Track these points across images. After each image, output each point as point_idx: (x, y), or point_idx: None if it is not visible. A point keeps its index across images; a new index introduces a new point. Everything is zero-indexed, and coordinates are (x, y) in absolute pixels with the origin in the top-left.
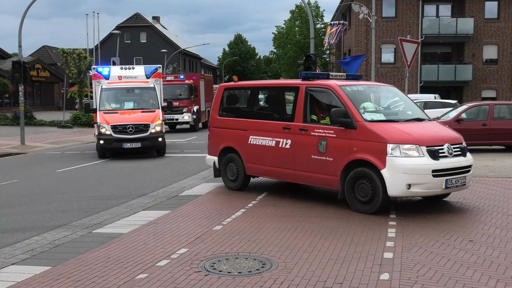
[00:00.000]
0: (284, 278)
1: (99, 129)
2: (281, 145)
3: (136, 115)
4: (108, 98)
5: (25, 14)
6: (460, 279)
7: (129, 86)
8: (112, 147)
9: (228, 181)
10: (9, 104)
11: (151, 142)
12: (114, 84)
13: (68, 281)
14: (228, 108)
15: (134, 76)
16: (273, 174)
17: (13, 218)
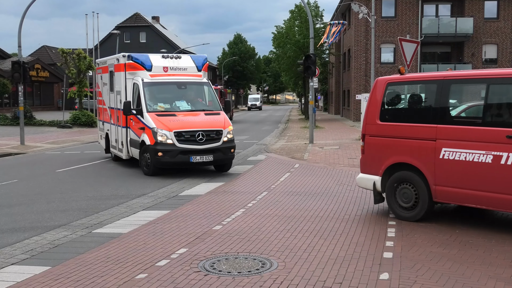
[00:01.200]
0: (284, 278)
1: (155, 137)
2: (504, 162)
3: (203, 119)
4: (155, 96)
5: (25, 14)
6: (460, 279)
7: (181, 81)
8: (176, 162)
9: (399, 209)
10: (8, 104)
11: (224, 154)
12: (159, 77)
13: (67, 281)
14: (395, 110)
15: (183, 68)
16: (487, 202)
17: (13, 218)
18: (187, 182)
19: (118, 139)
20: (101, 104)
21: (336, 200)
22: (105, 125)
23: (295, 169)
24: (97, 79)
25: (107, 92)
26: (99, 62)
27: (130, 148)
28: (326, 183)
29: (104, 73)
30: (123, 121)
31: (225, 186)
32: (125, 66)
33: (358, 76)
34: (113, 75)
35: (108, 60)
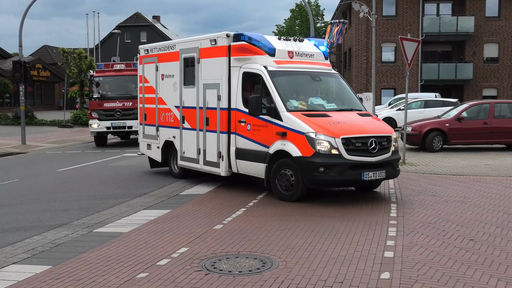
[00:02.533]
0: (285, 277)
1: (312, 146)
2: None
3: (368, 121)
4: (288, 90)
5: (26, 14)
6: (461, 278)
7: (315, 71)
8: (344, 180)
9: None
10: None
11: (393, 169)
12: (287, 65)
13: (68, 280)
14: None
15: (309, 54)
16: None
17: (14, 218)
18: (188, 181)
19: (203, 149)
20: (151, 103)
21: (337, 199)
22: (164, 131)
23: None
24: (144, 71)
25: (174, 86)
26: (149, 48)
27: (236, 162)
28: None
29: (165, 61)
30: (223, 124)
31: (225, 186)
32: (230, 49)
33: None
34: (194, 63)
35: (181, 44)
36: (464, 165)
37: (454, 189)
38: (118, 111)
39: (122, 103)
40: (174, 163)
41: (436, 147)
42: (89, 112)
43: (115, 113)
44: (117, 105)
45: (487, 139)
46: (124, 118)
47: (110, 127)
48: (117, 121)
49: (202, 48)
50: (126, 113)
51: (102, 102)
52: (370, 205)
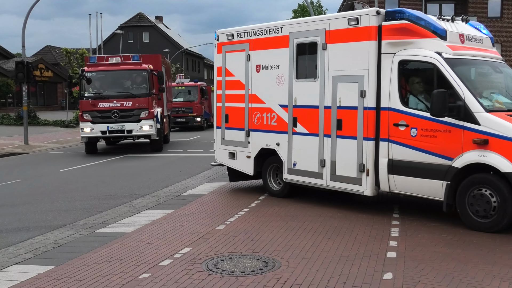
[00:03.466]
0: (287, 278)
1: None
2: None
3: None
4: (474, 84)
5: (29, 14)
6: (464, 279)
7: (492, 60)
8: None
9: None
10: (12, 104)
11: None
12: (464, 51)
13: (71, 281)
14: None
15: (478, 39)
16: None
17: (17, 218)
18: (190, 182)
19: (330, 160)
20: (236, 102)
21: (340, 199)
22: (260, 136)
23: None
24: (225, 62)
25: (278, 80)
26: (235, 32)
27: (391, 178)
28: None
29: (262, 48)
30: (369, 128)
31: (228, 186)
32: (380, 31)
33: None
34: (316, 49)
35: (292, 26)
36: None
37: None
38: (116, 112)
39: (120, 102)
40: (272, 177)
41: None
42: (80, 114)
43: (112, 114)
44: (115, 105)
45: None
46: (122, 120)
47: (106, 131)
48: (114, 124)
49: (331, 30)
50: (125, 114)
51: (96, 102)
52: (372, 205)
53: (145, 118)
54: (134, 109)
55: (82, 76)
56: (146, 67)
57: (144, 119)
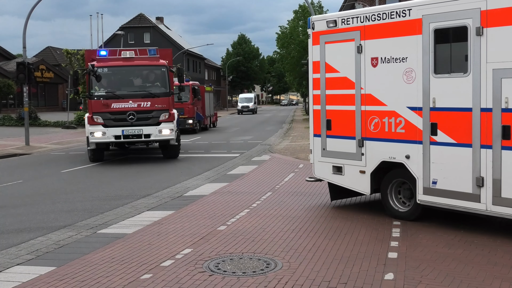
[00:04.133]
0: (289, 278)
1: None
2: None
3: None
4: None
5: (29, 15)
6: (465, 279)
7: None
8: None
9: None
10: (13, 105)
11: None
12: None
13: (73, 281)
14: None
15: None
16: None
17: (18, 219)
18: (192, 182)
19: (492, 178)
20: (343, 104)
21: (341, 200)
22: (379, 146)
23: (300, 169)
24: (324, 55)
25: (406, 76)
26: (338, 18)
27: None
28: None
29: (381, 37)
30: None
31: (229, 187)
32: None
33: None
34: (467, 36)
35: (427, 7)
36: None
37: None
38: (132, 114)
39: (137, 103)
40: (397, 197)
41: None
42: (88, 116)
43: (128, 116)
44: (131, 106)
45: None
46: (139, 123)
47: (120, 135)
48: (130, 127)
49: (490, 9)
50: (143, 116)
51: (110, 102)
52: (373, 206)
53: (165, 121)
54: (153, 111)
55: (92, 72)
56: (164, 63)
57: (163, 122)
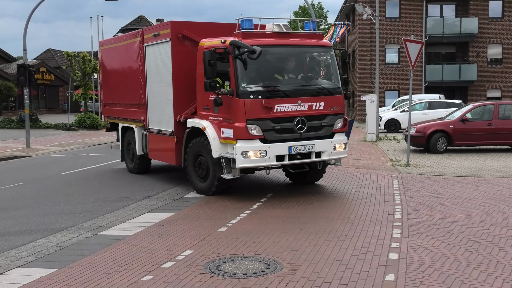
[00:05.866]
0: (289, 280)
1: None
2: None
3: None
4: None
5: (30, 17)
6: (466, 280)
7: None
8: None
9: None
10: (14, 107)
11: None
12: None
13: (74, 283)
14: None
15: None
16: None
17: (19, 221)
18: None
19: None
20: None
21: (341, 201)
22: None
23: None
24: None
25: None
26: None
27: None
28: (331, 184)
29: None
30: None
31: (230, 188)
32: None
33: (362, 77)
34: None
35: None
36: (469, 167)
37: (458, 190)
38: (302, 122)
39: (307, 104)
40: None
41: (440, 148)
42: (240, 126)
43: (296, 125)
44: (300, 109)
45: (492, 140)
46: (309, 135)
47: (285, 155)
48: (298, 142)
49: None
50: (314, 125)
51: (273, 103)
52: (374, 207)
53: (338, 131)
54: (327, 115)
55: (239, 53)
56: (329, 43)
57: (337, 132)
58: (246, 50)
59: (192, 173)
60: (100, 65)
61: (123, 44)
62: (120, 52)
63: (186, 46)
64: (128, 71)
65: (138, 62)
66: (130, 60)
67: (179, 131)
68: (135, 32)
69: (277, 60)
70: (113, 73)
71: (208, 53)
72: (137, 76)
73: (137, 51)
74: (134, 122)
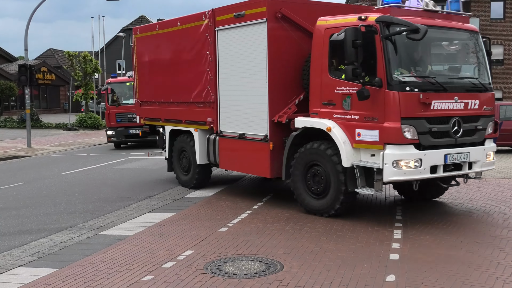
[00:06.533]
0: (290, 280)
1: None
2: None
3: None
4: None
5: (31, 17)
6: (467, 281)
7: None
8: None
9: None
10: (15, 107)
11: None
12: None
13: (74, 283)
14: None
15: None
16: None
17: (20, 221)
18: None
19: None
20: None
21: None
22: None
23: None
24: None
25: None
26: None
27: None
28: None
29: None
30: None
31: (230, 188)
32: None
33: None
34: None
35: None
36: None
37: (459, 191)
38: (458, 123)
39: (463, 101)
40: None
41: None
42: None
43: (452, 128)
44: (457, 108)
45: None
46: (464, 141)
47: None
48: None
49: None
50: (469, 128)
51: (431, 97)
52: (375, 207)
53: (489, 137)
54: (480, 117)
55: (392, 33)
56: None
57: (488, 138)
58: (406, 29)
59: (302, 189)
60: (136, 57)
61: (175, 29)
62: (170, 39)
63: (285, 30)
64: (184, 63)
65: (204, 51)
66: (189, 49)
67: (275, 135)
68: (198, 14)
69: (432, 45)
70: (157, 66)
71: (352, 31)
72: (202, 68)
73: (203, 37)
74: (193, 125)
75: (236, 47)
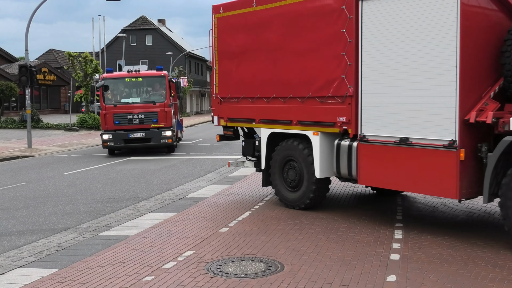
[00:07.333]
0: (290, 280)
1: None
2: None
3: None
4: None
5: (31, 18)
6: (467, 281)
7: None
8: None
9: None
10: (16, 108)
11: None
12: None
13: (75, 284)
14: None
15: None
16: None
17: (20, 221)
18: (194, 184)
19: None
20: None
21: (342, 202)
22: None
23: None
24: None
25: None
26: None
27: None
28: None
29: None
30: None
31: (231, 189)
32: None
33: None
34: None
35: None
36: None
37: None
38: None
39: None
40: None
41: None
42: None
43: None
44: None
45: None
46: None
47: None
48: None
49: None
50: None
51: None
52: (375, 207)
53: None
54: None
55: None
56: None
57: None
58: None
59: None
60: (217, 42)
61: (286, 4)
62: (277, 17)
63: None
64: (299, 46)
65: (337, 29)
66: (309, 27)
67: (467, 140)
68: None
69: None
70: (252, 52)
71: None
72: (333, 52)
73: (337, 10)
74: (311, 126)
75: (396, 24)
